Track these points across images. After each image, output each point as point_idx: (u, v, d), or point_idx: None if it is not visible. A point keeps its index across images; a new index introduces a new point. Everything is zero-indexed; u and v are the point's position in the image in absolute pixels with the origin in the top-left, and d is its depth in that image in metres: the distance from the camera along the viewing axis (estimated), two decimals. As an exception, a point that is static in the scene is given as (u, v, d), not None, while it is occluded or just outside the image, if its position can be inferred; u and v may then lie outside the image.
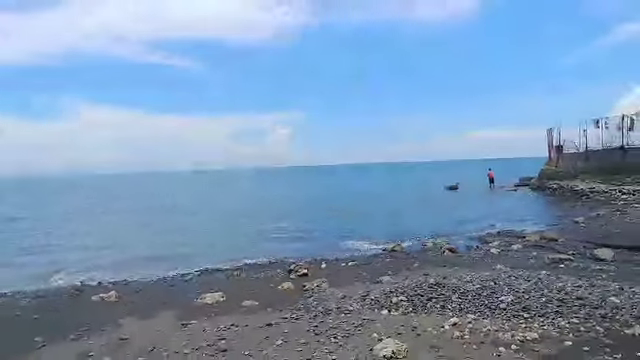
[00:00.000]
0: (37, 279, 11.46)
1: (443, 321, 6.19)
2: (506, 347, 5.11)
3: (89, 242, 17.54)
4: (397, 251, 13.37)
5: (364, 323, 6.37)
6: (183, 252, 14.66)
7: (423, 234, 16.33)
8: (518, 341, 5.25)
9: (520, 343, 5.20)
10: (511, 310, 6.48)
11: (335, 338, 5.79)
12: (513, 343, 5.19)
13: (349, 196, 39.42)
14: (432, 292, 7.91)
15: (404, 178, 73.05)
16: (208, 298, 8.42)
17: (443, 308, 6.97)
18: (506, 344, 5.19)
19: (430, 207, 27.61)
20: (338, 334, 5.92)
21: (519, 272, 8.82)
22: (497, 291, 7.47)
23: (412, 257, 12.34)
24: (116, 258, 14.14)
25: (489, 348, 5.15)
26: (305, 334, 5.98)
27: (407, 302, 7.44)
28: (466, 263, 10.87)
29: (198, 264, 12.74)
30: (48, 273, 12.18)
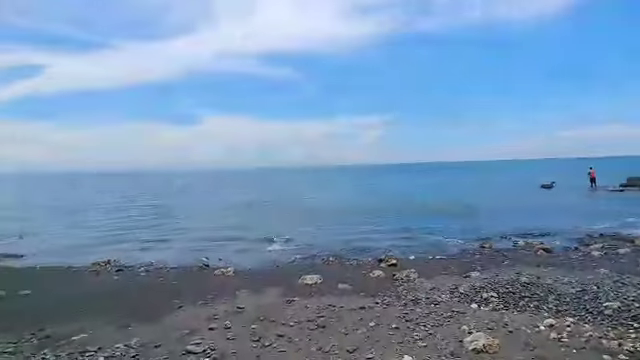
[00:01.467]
0: (176, 255, 13.08)
1: (538, 321, 5.63)
2: (612, 355, 4.47)
3: (223, 226, 19.50)
4: (486, 248, 12.42)
5: (453, 315, 6.09)
6: (286, 237, 15.45)
7: (515, 232, 14.93)
8: (627, 351, 4.55)
9: (629, 353, 4.50)
10: (618, 318, 5.65)
11: (425, 327, 5.64)
12: (621, 352, 4.52)
13: (439, 193, 37.62)
14: (525, 291, 7.24)
15: (496, 176, 67.41)
16: (308, 279, 8.76)
17: (537, 308, 6.34)
18: (612, 352, 4.53)
19: (523, 205, 25.04)
20: (428, 323, 5.75)
21: (627, 278, 7.61)
22: (600, 296, 6.57)
23: (502, 255, 11.37)
24: (235, 239, 15.46)
25: (591, 354, 4.55)
26: (396, 320, 5.92)
27: (497, 298, 6.92)
28: (563, 264, 9.69)
29: (302, 248, 13.34)
30: (183, 251, 13.84)
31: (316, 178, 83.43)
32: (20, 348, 5.11)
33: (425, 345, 5.04)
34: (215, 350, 4.90)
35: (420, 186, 48.30)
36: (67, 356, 4.80)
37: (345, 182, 63.98)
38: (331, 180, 72.88)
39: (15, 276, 10.09)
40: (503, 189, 40.15)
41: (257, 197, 36.68)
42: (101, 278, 9.97)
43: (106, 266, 11.32)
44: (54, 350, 4.99)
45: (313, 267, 10.52)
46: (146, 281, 9.48)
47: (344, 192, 41.87)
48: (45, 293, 8.23)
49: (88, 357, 4.76)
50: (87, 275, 10.33)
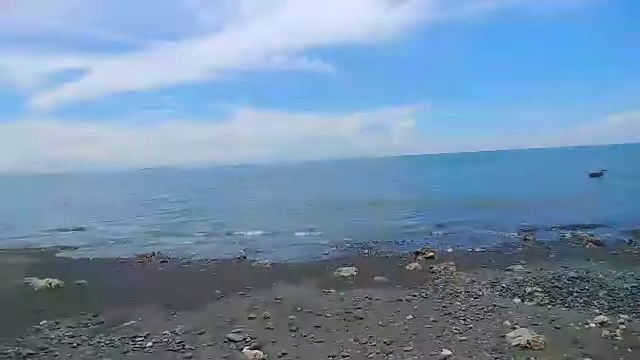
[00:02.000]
0: (216, 248, 13.55)
1: (587, 317, 5.33)
2: (672, 355, 4.15)
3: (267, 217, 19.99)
4: (529, 240, 11.87)
5: (495, 309, 5.89)
6: (320, 230, 15.56)
7: (561, 224, 14.16)
8: (689, 351, 4.21)
9: (692, 353, 4.16)
10: (679, 315, 5.23)
11: (464, 320, 5.50)
12: (682, 352, 4.19)
13: (477, 184, 36.34)
14: (573, 286, 6.88)
15: (540, 165, 64.12)
16: (344, 271, 8.77)
17: (587, 304, 6.01)
18: (672, 352, 4.21)
19: (570, 196, 23.67)
20: (467, 317, 5.60)
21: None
22: (659, 292, 6.10)
23: (547, 248, 10.83)
24: (270, 233, 15.78)
25: (649, 353, 4.25)
26: (434, 313, 5.82)
27: (542, 293, 6.61)
28: (615, 258, 9.10)
29: (336, 240, 13.39)
30: (222, 244, 14.32)
31: (351, 171, 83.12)
32: (78, 332, 5.50)
33: (465, 339, 4.91)
34: (255, 339, 5.04)
35: (459, 177, 46.94)
36: (119, 341, 5.12)
37: (382, 174, 63.24)
38: (367, 172, 72.35)
39: (72, 267, 10.85)
40: (548, 178, 38.14)
41: (294, 191, 37.14)
42: (147, 269, 10.51)
43: (151, 258, 11.91)
44: (107, 335, 5.34)
45: (348, 259, 10.51)
46: (188, 272, 9.90)
47: (379, 184, 41.40)
48: (98, 282, 8.78)
49: (138, 342, 5.05)
50: (134, 266, 10.93)
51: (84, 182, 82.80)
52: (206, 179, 73.49)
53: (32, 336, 5.39)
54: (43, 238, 16.74)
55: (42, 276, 8.79)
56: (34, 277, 8.81)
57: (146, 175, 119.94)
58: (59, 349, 4.95)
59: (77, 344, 5.08)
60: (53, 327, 5.74)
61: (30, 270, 9.96)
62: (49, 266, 10.66)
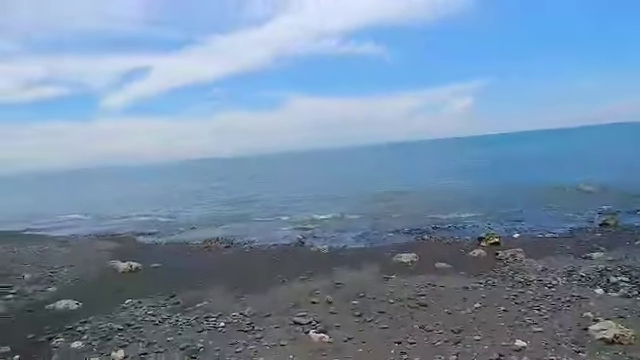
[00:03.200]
0: (275, 233, 14.00)
1: (687, 311, 4.76)
2: None
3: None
4: (610, 225, 10.79)
5: (573, 300, 5.47)
6: (374, 215, 15.42)
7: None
8: None
9: None
10: None
11: (539, 310, 5.18)
12: None
13: (545, 165, 33.71)
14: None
15: (615, 140, 57.93)
16: (404, 257, 8.64)
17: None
18: None
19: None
20: (542, 307, 5.26)
21: None
22: None
23: (632, 233, 9.80)
24: (326, 218, 15.95)
25: None
26: (504, 302, 5.54)
27: (630, 283, 6.01)
28: None
29: (393, 226, 13.23)
30: (281, 229, 14.74)
31: (405, 154, 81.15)
32: (158, 311, 5.99)
33: (540, 330, 4.63)
34: (320, 323, 5.15)
35: (523, 158, 43.85)
36: (195, 320, 5.50)
37: (437, 156, 60.96)
38: (422, 155, 70.21)
39: (147, 251, 11.82)
40: (625, 155, 34.29)
41: (345, 176, 37.14)
42: (213, 253, 11.14)
43: (216, 243, 12.60)
44: (184, 314, 5.76)
45: (407, 245, 10.33)
46: (250, 256, 10.34)
47: (436, 167, 39.92)
48: (170, 266, 9.49)
49: (211, 322, 5.39)
50: (201, 250, 11.64)
51: (149, 174, 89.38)
52: (259, 167, 75.94)
53: (120, 313, 5.97)
54: (121, 225, 18.41)
55: (124, 259, 9.69)
56: (117, 260, 9.75)
57: (202, 165, 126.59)
58: (143, 326, 5.43)
59: (158, 322, 5.54)
60: (137, 306, 6.30)
61: (113, 254, 11.04)
62: (128, 250, 11.70)
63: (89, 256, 10.99)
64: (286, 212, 18.54)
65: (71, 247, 12.49)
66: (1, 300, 6.95)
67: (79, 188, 55.12)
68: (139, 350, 4.63)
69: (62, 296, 6.97)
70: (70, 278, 8.53)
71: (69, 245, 12.90)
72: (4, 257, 10.60)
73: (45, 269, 9.24)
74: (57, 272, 9.04)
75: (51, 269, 9.26)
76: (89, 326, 5.46)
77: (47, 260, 10.30)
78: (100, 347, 4.77)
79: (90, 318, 5.74)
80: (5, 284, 7.90)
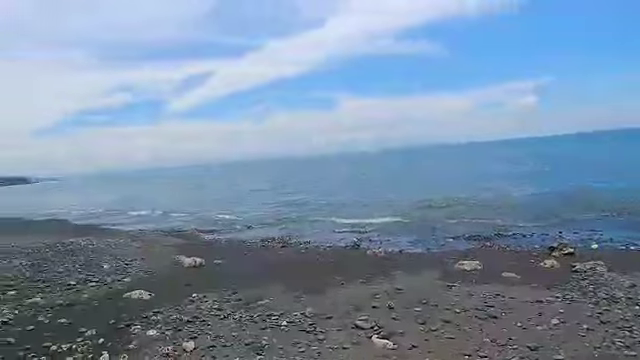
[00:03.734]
0: (329, 235, 14.04)
1: None
2: None
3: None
4: None
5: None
6: (436, 219, 14.88)
7: None
8: None
9: None
10: None
11: (630, 332, 4.62)
12: None
13: (618, 166, 30.49)
14: None
15: None
16: (466, 265, 8.21)
17: None
18: None
19: None
20: (634, 329, 4.69)
21: None
22: None
23: None
24: (380, 221, 15.70)
25: None
26: (587, 320, 5.02)
27: None
28: None
29: (452, 231, 12.69)
30: (334, 231, 14.76)
31: (465, 155, 77.75)
32: (222, 306, 6.20)
33: (634, 355, 4.12)
34: (383, 328, 5.02)
35: (591, 159, 40.04)
36: (257, 317, 5.62)
37: (500, 158, 57.53)
38: (480, 158, 66.84)
39: (209, 248, 12.40)
40: None
41: (399, 178, 36.38)
42: (270, 252, 11.41)
43: (272, 242, 12.90)
44: (247, 311, 5.91)
45: (468, 252, 9.84)
46: (307, 257, 10.42)
47: (500, 170, 37.72)
48: (231, 263, 9.85)
49: (274, 320, 5.47)
50: (259, 249, 11.98)
51: (209, 174, 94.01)
52: (313, 168, 76.80)
53: (188, 306, 6.27)
54: (184, 222, 19.55)
55: (188, 255, 10.23)
56: (182, 255, 10.32)
57: (260, 166, 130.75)
58: (210, 319, 5.65)
59: (223, 316, 5.73)
60: (202, 300, 6.58)
61: (178, 249, 11.71)
62: (191, 247, 12.36)
63: (157, 251, 11.75)
64: (341, 214, 18.55)
65: (141, 242, 13.44)
66: (86, 287, 7.64)
67: (147, 187, 59.50)
68: (207, 343, 4.81)
69: (136, 287, 7.48)
70: (142, 270, 9.15)
71: (139, 240, 13.89)
72: (86, 249, 11.66)
73: (120, 261, 10.01)
74: (130, 264, 9.75)
75: (125, 261, 10.01)
76: (161, 316, 5.79)
77: (121, 253, 11.16)
78: (172, 337, 5.03)
79: (161, 309, 6.09)
80: (89, 273, 8.68)
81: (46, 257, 10.50)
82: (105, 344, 4.84)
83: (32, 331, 5.36)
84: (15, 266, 9.40)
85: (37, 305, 6.50)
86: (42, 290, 7.43)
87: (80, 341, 4.92)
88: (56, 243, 12.49)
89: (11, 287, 7.57)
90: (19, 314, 6.04)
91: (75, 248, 11.70)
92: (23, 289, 7.46)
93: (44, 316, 5.93)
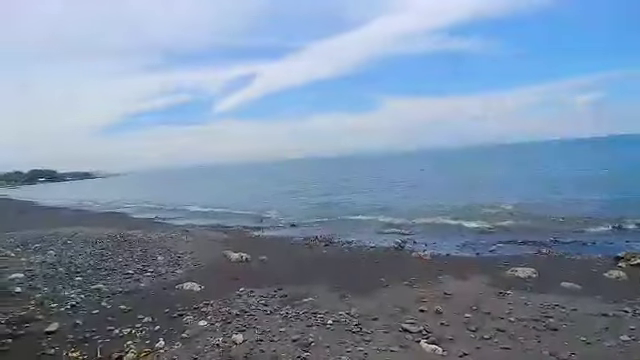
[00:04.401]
0: (371, 235, 13.88)
1: None
2: None
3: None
4: None
5: None
6: (487, 222, 14.23)
7: None
8: None
9: None
10: None
11: None
12: None
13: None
14: None
15: None
16: (519, 272, 7.76)
17: None
18: None
19: None
20: None
21: None
22: None
23: None
24: (427, 222, 15.27)
25: None
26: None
27: None
28: None
29: (503, 235, 12.08)
30: (378, 231, 14.56)
31: (516, 158, 73.78)
32: (269, 302, 6.33)
33: None
34: (431, 333, 4.86)
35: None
36: (303, 314, 5.66)
37: (556, 160, 53.93)
38: (537, 159, 63.07)
39: (254, 244, 12.69)
40: None
41: (441, 179, 35.22)
42: (313, 251, 11.47)
43: (315, 240, 12.97)
44: (293, 308, 5.98)
45: (521, 258, 9.29)
46: (350, 257, 10.36)
47: (559, 173, 35.35)
48: (275, 259, 10.02)
49: (319, 318, 5.48)
50: (302, 247, 12.08)
51: (255, 172, 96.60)
52: (357, 167, 76.43)
53: (236, 300, 6.46)
54: (230, 218, 20.21)
55: (235, 250, 10.56)
56: (229, 250, 10.66)
57: (304, 164, 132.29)
58: (257, 314, 5.77)
59: (270, 312, 5.84)
60: (249, 294, 6.75)
61: (225, 244, 12.11)
62: (237, 242, 12.73)
63: (205, 245, 12.23)
64: (385, 214, 18.30)
65: (191, 236, 14.06)
66: (143, 277, 8.12)
67: (196, 184, 62.33)
68: (255, 337, 4.92)
69: (187, 278, 7.85)
70: (192, 263, 9.57)
71: (189, 234, 14.55)
72: (142, 241, 12.39)
73: (172, 253, 10.53)
74: (182, 257, 10.22)
75: (177, 254, 10.52)
76: (211, 308, 6.01)
77: (173, 246, 11.74)
78: (222, 328, 5.20)
79: (211, 301, 6.32)
80: (145, 263, 9.22)
81: (107, 247, 11.29)
82: (161, 331, 5.11)
83: (96, 315, 5.78)
84: (81, 255, 10.20)
85: (100, 291, 7.01)
86: (104, 278, 7.99)
87: (139, 327, 5.24)
88: (116, 234, 13.40)
89: (78, 273, 8.23)
90: (85, 298, 6.54)
91: (132, 240, 12.47)
92: (88, 276, 8.07)
93: (106, 302, 6.38)
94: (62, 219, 21.31)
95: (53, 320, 5.42)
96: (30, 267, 8.76)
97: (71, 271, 8.40)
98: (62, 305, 6.12)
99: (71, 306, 6.10)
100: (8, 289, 7.02)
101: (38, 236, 13.18)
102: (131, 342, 4.76)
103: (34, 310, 5.87)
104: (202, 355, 4.43)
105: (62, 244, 11.74)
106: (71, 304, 6.17)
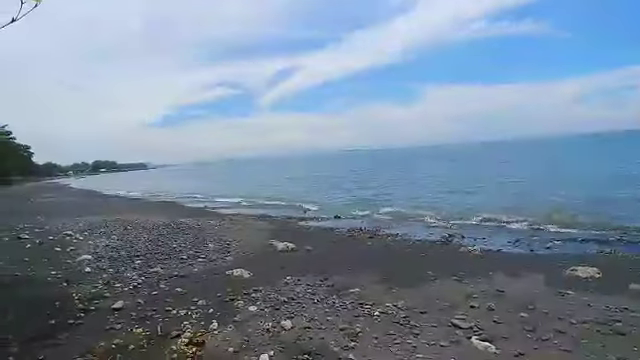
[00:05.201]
0: (418, 229, 13.59)
1: None
2: None
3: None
4: None
5: None
6: (542, 217, 13.42)
7: None
8: None
9: None
10: None
11: None
12: None
13: None
14: None
15: None
16: (580, 271, 7.25)
17: None
18: None
19: None
20: None
21: None
22: None
23: None
24: (477, 217, 14.70)
25: None
26: None
27: None
28: None
29: (561, 232, 11.36)
30: (425, 224, 14.23)
31: (575, 150, 68.83)
32: (315, 290, 6.42)
33: None
34: (483, 330, 4.69)
35: None
36: (350, 304, 5.69)
37: (620, 153, 49.71)
38: (597, 152, 58.45)
39: (299, 234, 12.90)
40: None
41: (497, 172, 33.62)
42: (358, 242, 11.45)
43: (359, 232, 12.94)
44: (340, 297, 6.02)
45: (582, 257, 8.67)
46: (397, 249, 10.23)
47: (618, 166, 32.58)
48: (320, 250, 10.12)
49: (366, 309, 5.48)
50: (346, 238, 12.10)
51: (299, 164, 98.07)
52: (402, 159, 75.16)
53: (284, 287, 6.61)
54: (275, 209, 20.68)
55: (281, 240, 10.80)
56: (275, 240, 10.93)
57: (348, 156, 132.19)
58: (304, 302, 5.88)
59: (317, 300, 5.92)
60: (296, 283, 6.89)
61: (271, 234, 12.42)
62: (283, 232, 13.00)
63: (253, 234, 12.62)
64: (432, 206, 17.85)
65: (239, 224, 14.59)
66: (196, 262, 8.56)
67: (242, 175, 64.34)
68: (303, 323, 5.02)
69: (236, 265, 8.15)
70: (241, 251, 9.92)
71: (237, 222, 15.10)
72: (193, 228, 13.05)
73: (222, 241, 10.99)
74: (231, 244, 10.64)
75: (226, 241, 10.96)
76: (260, 294, 6.21)
77: (222, 234, 12.25)
78: (271, 314, 5.36)
79: (260, 288, 6.52)
80: (197, 250, 9.71)
81: (162, 234, 12.02)
82: (214, 314, 5.37)
83: (156, 295, 6.18)
84: (140, 240, 10.95)
85: (158, 274, 7.48)
86: (161, 262, 8.52)
87: (194, 309, 5.54)
88: (170, 222, 14.22)
89: (138, 257, 8.84)
90: (145, 280, 7.01)
91: (185, 227, 13.17)
92: (147, 259, 8.65)
93: (164, 284, 6.79)
94: (122, 207, 22.96)
95: (119, 299, 5.87)
96: (97, 250, 9.55)
97: (132, 255, 9.05)
98: (126, 285, 6.62)
99: (133, 287, 6.57)
100: (79, 269, 7.71)
101: (102, 222, 14.32)
102: (187, 323, 5.04)
103: (102, 289, 6.40)
104: (253, 338, 4.59)
105: (123, 229, 12.67)
106: (133, 285, 6.65)
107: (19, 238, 10.90)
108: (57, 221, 14.80)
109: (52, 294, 5.99)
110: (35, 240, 10.57)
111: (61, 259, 8.53)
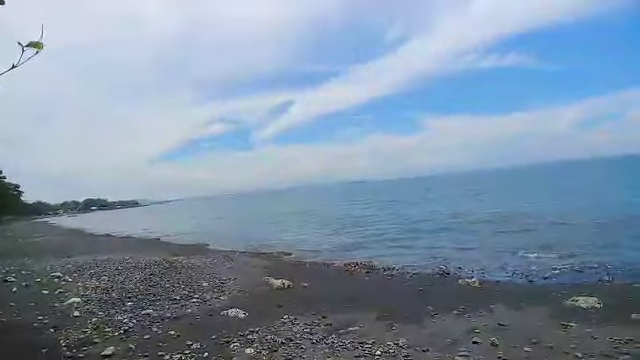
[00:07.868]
0: (414, 260, 13.47)
1: None
2: None
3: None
4: None
5: None
6: (537, 246, 13.40)
7: None
8: None
9: None
10: None
11: None
12: None
13: None
14: None
15: None
16: (581, 302, 7.18)
17: None
18: None
19: None
20: None
21: None
22: None
23: None
24: (474, 247, 14.64)
25: None
26: None
27: None
28: None
29: (557, 261, 11.31)
30: (421, 256, 14.10)
31: (577, 174, 69.83)
32: (313, 330, 6.24)
33: None
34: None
35: None
36: (349, 344, 5.51)
37: (617, 178, 50.48)
38: (594, 177, 59.34)
39: (295, 270, 12.68)
40: None
41: (501, 201, 33.80)
42: (355, 277, 11.27)
43: (356, 267, 12.76)
44: (338, 337, 5.84)
45: (581, 286, 8.61)
46: (394, 284, 10.08)
47: (614, 192, 33.01)
48: (317, 286, 9.93)
49: (366, 349, 5.32)
50: (343, 274, 11.91)
51: (301, 196, 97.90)
52: (402, 190, 75.44)
53: (281, 327, 6.42)
54: (270, 244, 20.42)
55: (277, 277, 10.59)
56: (271, 277, 10.71)
57: (349, 188, 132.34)
58: (303, 342, 5.69)
59: (315, 341, 5.74)
60: (293, 322, 6.69)
61: (267, 270, 12.19)
62: (278, 268, 12.77)
63: (247, 271, 12.37)
64: (428, 238, 17.79)
65: (233, 262, 14.31)
66: (189, 302, 8.31)
67: (238, 210, 63.85)
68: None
69: (232, 305, 7.93)
70: (236, 289, 9.68)
71: (231, 260, 14.81)
72: (187, 267, 12.77)
73: (217, 279, 10.74)
74: (225, 283, 10.39)
75: (221, 280, 10.71)
76: (257, 336, 6.01)
77: (217, 272, 11.98)
78: (269, 357, 5.16)
79: (256, 328, 6.32)
80: (190, 289, 9.46)
81: (155, 273, 11.72)
82: (209, 358, 5.16)
83: (148, 339, 5.95)
84: (131, 280, 10.65)
85: (150, 316, 7.23)
86: (153, 303, 8.26)
87: (188, 353, 5.32)
88: (162, 261, 13.91)
89: (129, 299, 8.58)
90: (137, 323, 6.76)
91: (177, 266, 12.88)
92: (139, 301, 8.39)
93: (157, 327, 6.56)
94: (112, 246, 22.50)
95: (108, 344, 5.63)
96: (86, 292, 9.26)
97: (123, 296, 8.78)
98: (116, 330, 6.37)
99: (124, 331, 6.33)
100: (67, 313, 7.44)
101: (92, 262, 13.96)
102: (181, 369, 4.83)
103: (91, 334, 6.15)
104: (250, 384, 4.40)
105: (114, 270, 12.34)
106: (124, 329, 6.41)
107: (5, 281, 10.56)
108: (45, 262, 14.41)
109: (39, 340, 5.74)
110: (22, 283, 10.24)
111: (49, 303, 8.23)
